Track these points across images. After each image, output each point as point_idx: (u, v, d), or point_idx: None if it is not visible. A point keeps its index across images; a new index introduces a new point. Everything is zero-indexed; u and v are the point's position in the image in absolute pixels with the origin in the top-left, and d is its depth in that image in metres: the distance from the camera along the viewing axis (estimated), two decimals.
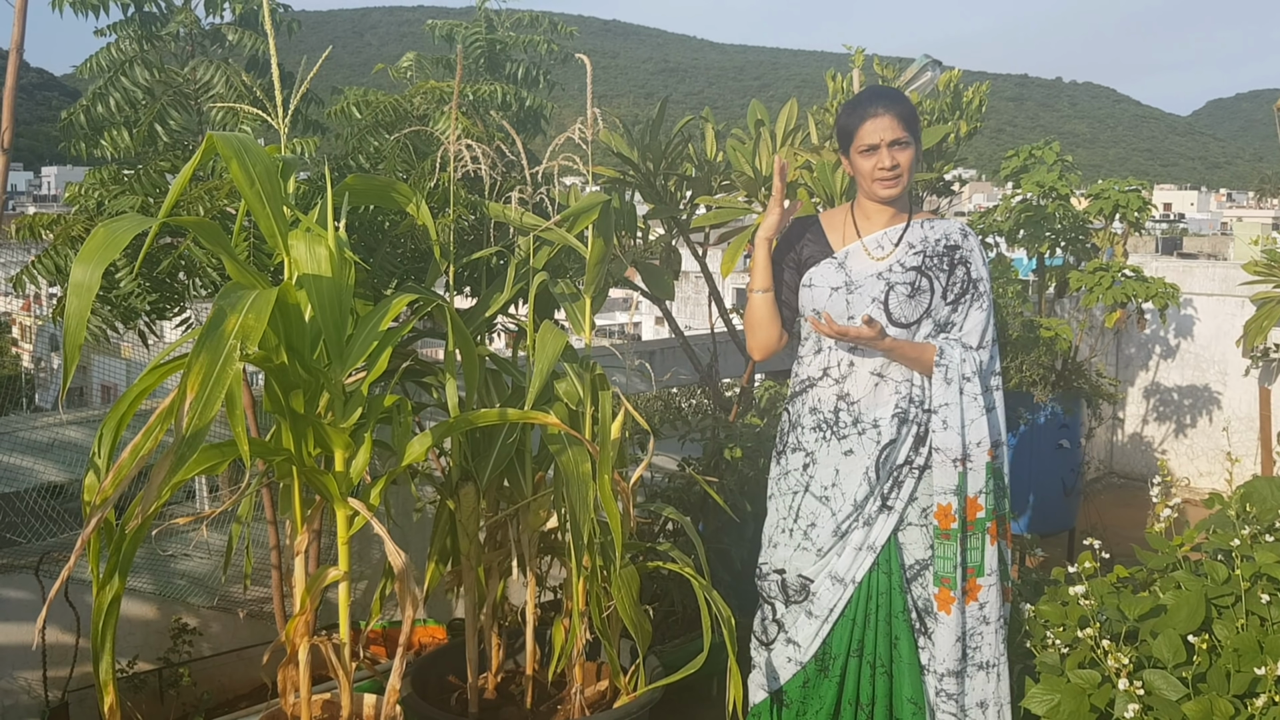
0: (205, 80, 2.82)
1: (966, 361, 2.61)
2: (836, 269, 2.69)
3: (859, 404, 2.65)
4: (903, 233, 2.68)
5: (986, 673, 2.63)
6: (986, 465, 2.60)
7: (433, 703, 2.73)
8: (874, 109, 2.60)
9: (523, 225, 2.71)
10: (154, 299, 2.67)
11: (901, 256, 2.66)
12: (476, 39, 3.31)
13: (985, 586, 2.62)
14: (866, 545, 2.63)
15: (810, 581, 2.67)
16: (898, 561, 2.65)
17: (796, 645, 2.68)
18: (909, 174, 2.63)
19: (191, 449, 1.77)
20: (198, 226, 2.08)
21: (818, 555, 2.66)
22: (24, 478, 3.06)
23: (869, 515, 2.63)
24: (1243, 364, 6.00)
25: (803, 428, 2.73)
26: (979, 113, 4.56)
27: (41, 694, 3.01)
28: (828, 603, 2.64)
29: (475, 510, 2.72)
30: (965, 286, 2.65)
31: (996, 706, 2.64)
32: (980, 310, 2.66)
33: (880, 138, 2.59)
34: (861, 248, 2.69)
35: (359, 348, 2.20)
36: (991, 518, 2.61)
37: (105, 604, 2.02)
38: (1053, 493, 5.05)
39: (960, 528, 2.58)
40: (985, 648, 2.63)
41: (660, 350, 4.56)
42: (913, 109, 2.64)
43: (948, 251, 2.66)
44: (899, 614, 2.64)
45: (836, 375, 2.68)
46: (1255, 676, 2.35)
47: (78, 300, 1.82)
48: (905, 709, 2.63)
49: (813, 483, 2.68)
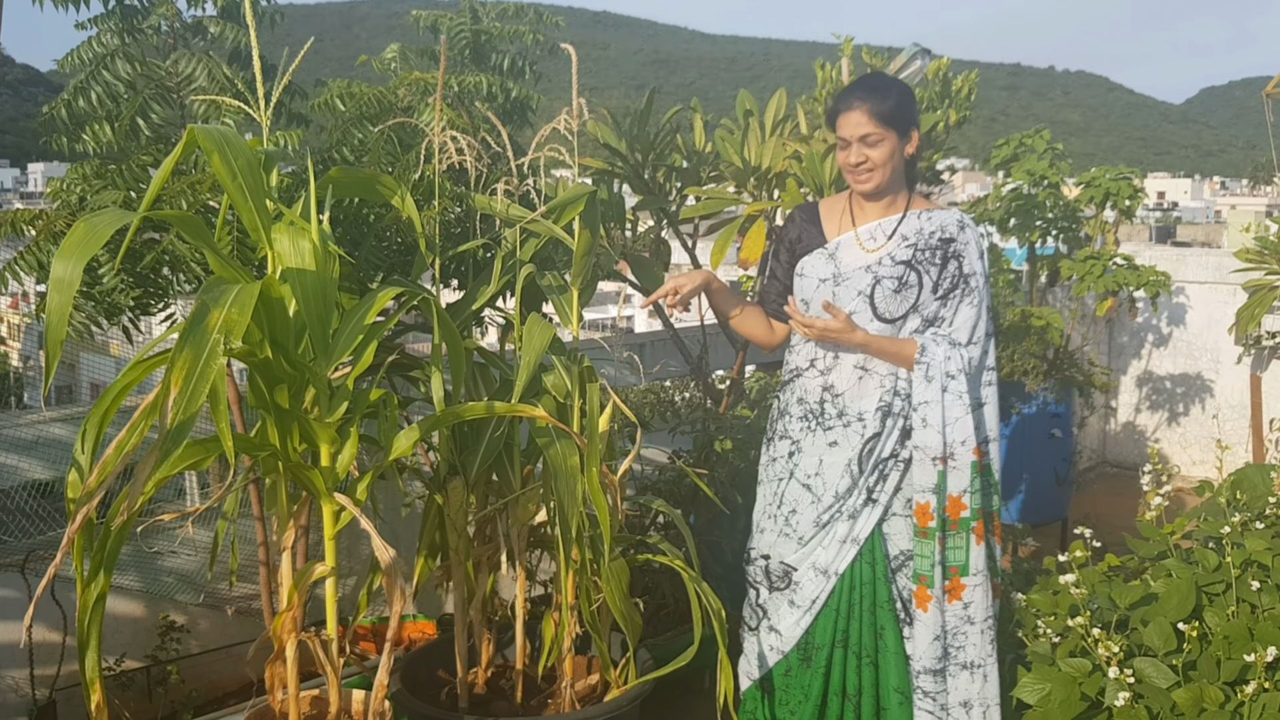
0: (187, 73, 2.80)
1: (951, 359, 2.56)
2: (826, 260, 2.67)
3: (843, 396, 2.64)
4: (897, 224, 2.65)
5: (971, 673, 2.60)
6: (972, 464, 2.56)
7: (422, 698, 2.72)
8: (849, 103, 2.57)
9: (509, 217, 2.69)
10: (137, 294, 2.65)
11: (893, 249, 2.63)
12: (461, 30, 3.29)
13: (970, 586, 2.59)
14: (850, 538, 2.62)
15: (794, 570, 2.67)
16: (882, 552, 2.64)
17: (779, 634, 2.69)
18: (884, 168, 2.57)
19: (176, 444, 1.76)
20: (180, 221, 2.06)
21: (799, 543, 2.66)
22: (9, 476, 3.04)
23: (853, 508, 2.62)
24: (1235, 352, 6.01)
25: (790, 416, 2.73)
26: (968, 101, 4.55)
27: (29, 692, 3.00)
28: (810, 593, 2.65)
29: (463, 505, 2.71)
30: (956, 281, 2.60)
31: (983, 707, 2.61)
32: (971, 306, 2.60)
33: (850, 134, 2.56)
34: (854, 238, 2.67)
35: (344, 342, 2.19)
36: (977, 517, 2.57)
37: (90, 601, 2.01)
38: (1045, 482, 5.06)
39: (939, 526, 2.55)
40: (970, 648, 2.60)
41: (650, 343, 4.55)
42: (894, 102, 2.56)
43: (941, 245, 2.61)
44: (884, 604, 2.63)
45: (821, 367, 2.68)
46: (1245, 664, 2.34)
47: (59, 296, 1.80)
48: (892, 699, 2.63)
49: (797, 470, 2.69)
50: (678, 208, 3.87)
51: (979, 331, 2.61)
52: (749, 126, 3.76)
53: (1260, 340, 5.63)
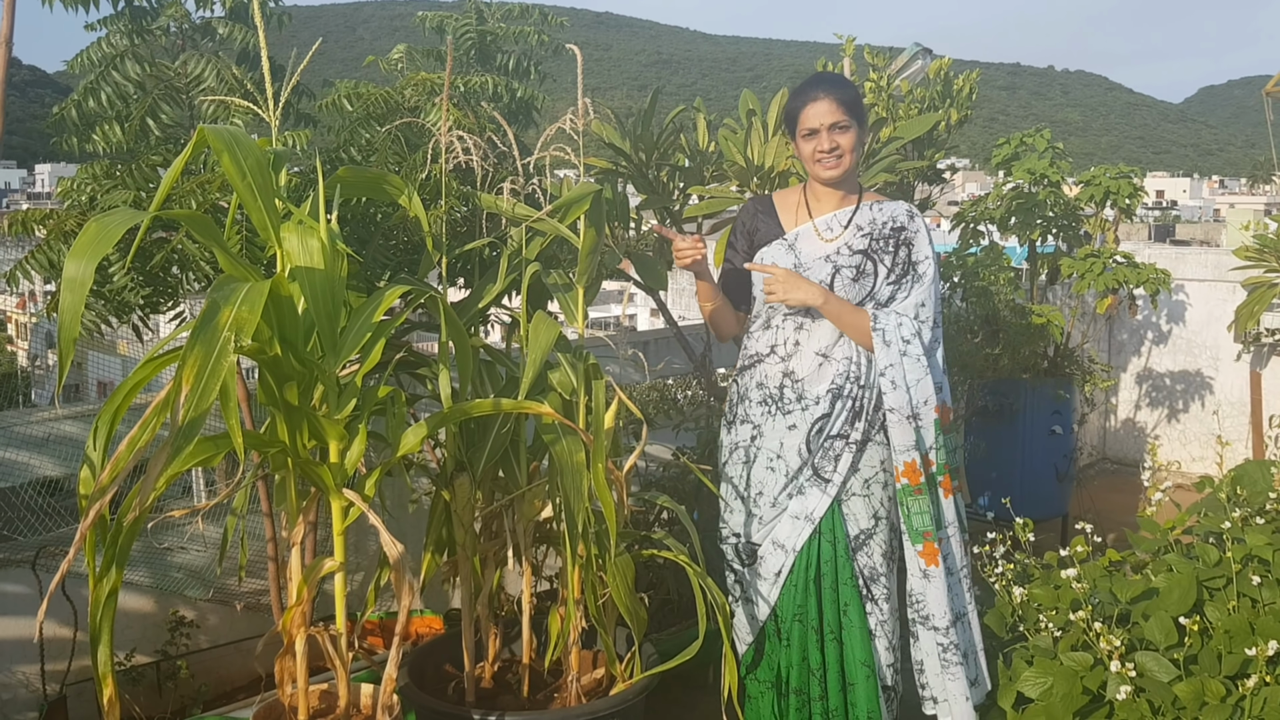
0: (196, 74, 2.82)
1: (904, 325, 2.70)
2: (786, 250, 2.80)
3: (803, 381, 2.76)
4: (852, 215, 2.78)
5: (957, 622, 2.74)
6: (935, 422, 2.70)
7: (429, 692, 2.74)
8: (814, 94, 2.70)
9: (515, 216, 2.71)
10: (147, 293, 2.67)
11: (850, 239, 2.76)
12: (467, 31, 3.32)
13: (945, 539, 2.73)
14: (805, 516, 2.74)
15: (757, 546, 2.81)
16: (842, 531, 2.76)
17: (753, 606, 2.82)
18: (851, 155, 2.71)
19: (187, 440, 1.78)
20: (190, 220, 2.08)
21: (760, 523, 2.80)
22: (21, 473, 3.06)
23: (802, 485, 2.75)
24: (1234, 349, 6.03)
25: (750, 401, 2.84)
26: (969, 100, 4.57)
27: (39, 688, 3.02)
28: (773, 567, 2.77)
29: (470, 501, 2.73)
30: (906, 268, 2.75)
31: (972, 654, 2.76)
32: (921, 288, 2.74)
33: (820, 122, 2.68)
34: (812, 229, 2.79)
35: (352, 339, 2.21)
36: (944, 471, 2.72)
37: (103, 596, 2.02)
38: (1046, 478, 5.07)
39: (928, 481, 2.68)
40: (954, 598, 2.73)
41: (654, 340, 4.57)
42: (854, 93, 2.73)
43: (894, 234, 2.75)
44: (846, 581, 2.75)
45: (783, 353, 2.79)
46: (1246, 657, 2.36)
47: (71, 295, 1.82)
48: (859, 672, 2.74)
49: (760, 454, 2.81)
50: (681, 207, 3.89)
51: (926, 310, 2.74)
52: (752, 126, 3.78)
53: (1260, 337, 5.66)
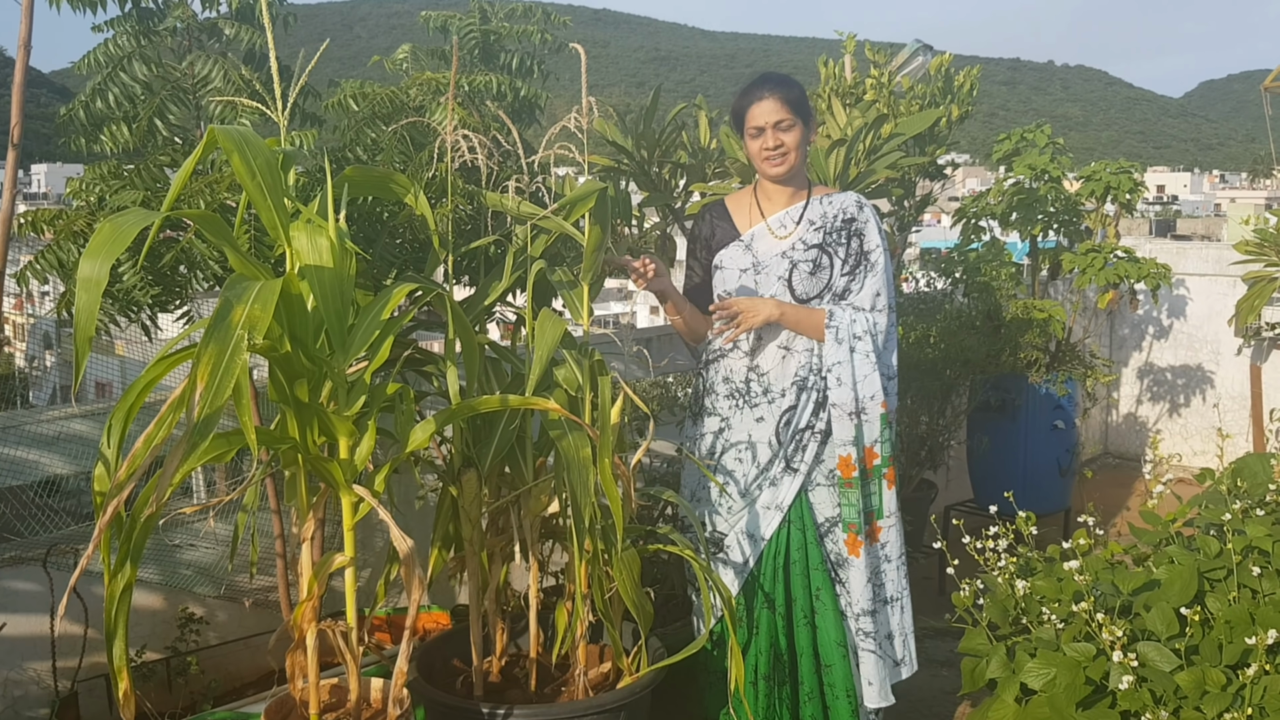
0: (203, 75, 2.85)
1: (857, 321, 2.79)
2: (744, 251, 2.88)
3: (768, 375, 2.86)
4: (803, 210, 2.86)
5: (891, 606, 2.87)
6: (881, 416, 2.79)
7: (438, 686, 2.77)
8: (759, 93, 2.78)
9: (520, 214, 2.74)
10: (156, 292, 2.70)
11: (803, 234, 2.84)
12: (471, 30, 3.34)
13: (885, 528, 2.85)
14: (775, 505, 2.83)
15: (724, 536, 2.88)
16: (810, 519, 2.85)
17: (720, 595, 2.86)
18: (796, 152, 2.80)
19: (203, 436, 1.80)
20: (201, 219, 2.11)
21: (728, 512, 2.87)
22: (31, 471, 3.09)
23: (774, 476, 2.84)
24: (1235, 343, 6.05)
25: (717, 394, 2.93)
26: (970, 96, 4.59)
27: (51, 684, 3.04)
28: (739, 556, 2.85)
29: (477, 496, 2.75)
30: (859, 259, 2.83)
31: (902, 636, 2.90)
32: (874, 277, 2.83)
33: (765, 120, 2.76)
34: (766, 228, 2.88)
35: (361, 337, 2.23)
36: (888, 464, 2.82)
37: (118, 591, 2.04)
38: (1048, 473, 5.10)
39: (860, 475, 2.78)
40: (889, 584, 2.87)
41: (657, 337, 4.58)
42: (799, 92, 2.80)
43: (845, 225, 2.84)
44: (817, 566, 2.84)
45: (746, 348, 2.88)
46: (1247, 647, 2.38)
47: (87, 295, 1.84)
48: (834, 653, 2.83)
49: (728, 446, 2.89)
50: (683, 204, 3.91)
51: (881, 300, 2.83)
52: None
53: (1260, 331, 5.68)
